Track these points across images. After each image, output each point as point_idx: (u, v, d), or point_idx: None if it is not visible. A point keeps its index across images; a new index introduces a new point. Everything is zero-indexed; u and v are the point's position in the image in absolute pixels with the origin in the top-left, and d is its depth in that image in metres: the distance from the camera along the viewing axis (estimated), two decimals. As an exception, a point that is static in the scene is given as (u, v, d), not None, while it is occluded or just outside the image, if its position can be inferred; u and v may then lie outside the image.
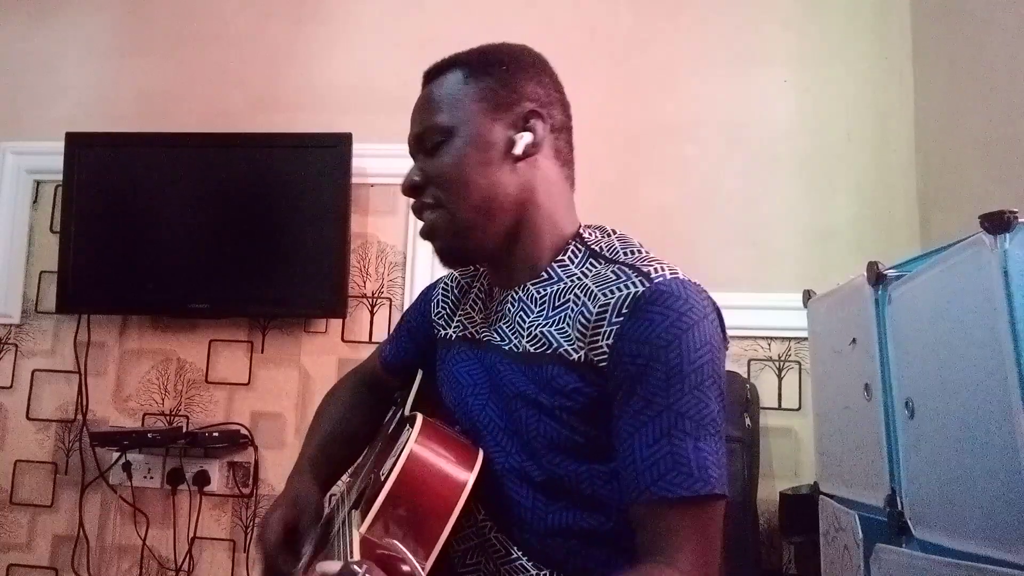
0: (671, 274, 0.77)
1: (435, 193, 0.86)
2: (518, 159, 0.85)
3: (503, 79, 0.86)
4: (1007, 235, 0.79)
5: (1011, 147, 1.43)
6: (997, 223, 0.79)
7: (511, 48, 0.90)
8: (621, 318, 0.75)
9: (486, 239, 0.86)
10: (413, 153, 0.90)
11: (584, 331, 0.78)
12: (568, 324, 0.80)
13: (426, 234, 0.89)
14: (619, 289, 0.77)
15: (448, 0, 2.06)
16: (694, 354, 0.73)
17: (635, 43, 1.99)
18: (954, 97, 1.69)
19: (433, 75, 0.90)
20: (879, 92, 1.88)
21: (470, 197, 0.84)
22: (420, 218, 0.89)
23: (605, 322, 0.76)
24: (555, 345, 0.80)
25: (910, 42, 1.87)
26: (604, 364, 0.76)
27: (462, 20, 2.04)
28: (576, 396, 0.78)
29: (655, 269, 0.78)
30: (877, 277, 1.09)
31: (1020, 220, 0.79)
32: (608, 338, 0.76)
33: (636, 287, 0.76)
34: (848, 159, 1.87)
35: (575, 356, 0.78)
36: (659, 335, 0.73)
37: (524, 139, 0.85)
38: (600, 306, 0.77)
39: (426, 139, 0.87)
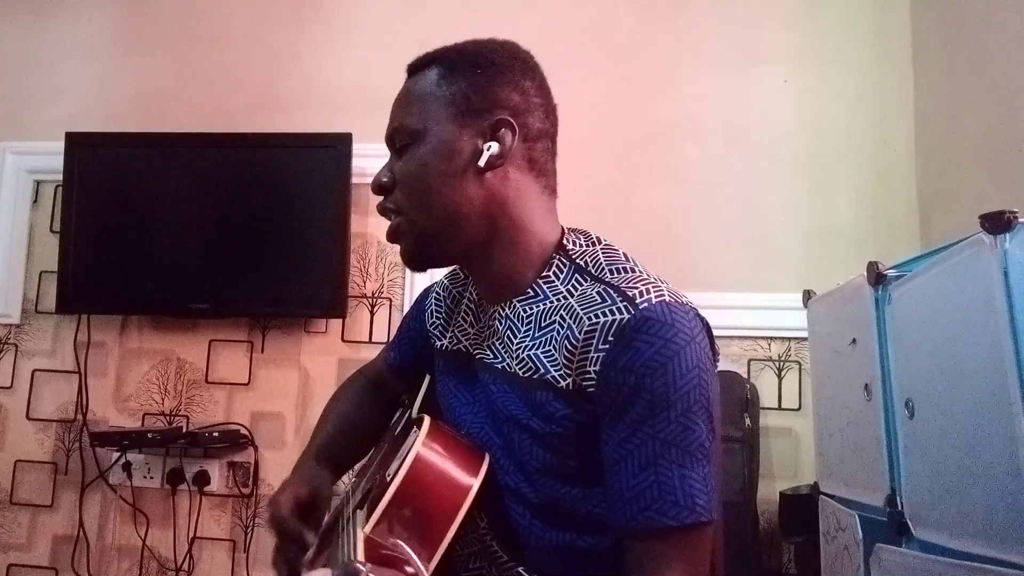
0: (656, 297, 0.75)
1: (398, 198, 0.85)
2: (483, 170, 0.81)
3: (476, 84, 0.83)
4: (1007, 235, 0.79)
5: (1011, 147, 1.43)
6: (997, 223, 0.79)
7: (493, 48, 0.86)
8: (607, 345, 0.74)
9: (451, 248, 0.85)
10: (389, 149, 0.88)
11: (571, 357, 0.77)
12: (554, 348, 0.79)
13: (390, 236, 0.88)
14: (604, 314, 0.75)
15: (448, 0, 2.06)
16: (680, 380, 0.72)
17: (635, 43, 1.99)
18: (954, 97, 1.68)
19: (414, 69, 0.88)
20: (879, 92, 1.88)
21: (432, 206, 0.82)
22: (385, 218, 0.88)
23: (592, 348, 0.75)
24: (543, 371, 0.79)
25: (910, 42, 1.87)
26: (592, 390, 0.75)
27: (462, 20, 2.03)
28: (566, 422, 0.78)
29: (640, 292, 0.75)
30: (877, 277, 1.09)
31: (1020, 220, 0.79)
32: (595, 364, 0.75)
33: (621, 313, 0.74)
34: (848, 159, 1.87)
35: (564, 383, 0.77)
36: (644, 363, 0.72)
37: (490, 150, 0.81)
38: (586, 331, 0.76)
39: (396, 139, 0.85)
